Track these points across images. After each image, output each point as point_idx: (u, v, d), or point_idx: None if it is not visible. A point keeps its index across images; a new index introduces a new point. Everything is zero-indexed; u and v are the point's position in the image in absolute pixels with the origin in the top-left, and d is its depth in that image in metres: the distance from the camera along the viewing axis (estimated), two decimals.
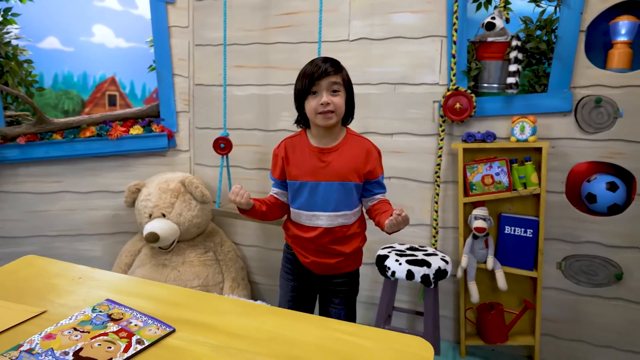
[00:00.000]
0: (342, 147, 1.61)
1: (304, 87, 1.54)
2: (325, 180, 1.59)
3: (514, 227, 2.28)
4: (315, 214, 1.62)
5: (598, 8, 2.13)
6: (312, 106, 1.54)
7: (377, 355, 1.00)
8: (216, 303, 1.23)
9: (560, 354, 2.37)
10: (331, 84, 1.53)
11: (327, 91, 1.53)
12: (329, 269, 1.71)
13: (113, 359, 0.92)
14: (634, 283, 2.22)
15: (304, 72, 1.56)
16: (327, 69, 1.51)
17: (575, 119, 2.21)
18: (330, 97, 1.52)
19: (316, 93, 1.53)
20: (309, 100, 1.55)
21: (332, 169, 1.59)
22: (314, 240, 1.65)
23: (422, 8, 2.39)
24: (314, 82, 1.52)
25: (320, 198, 1.60)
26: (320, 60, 1.56)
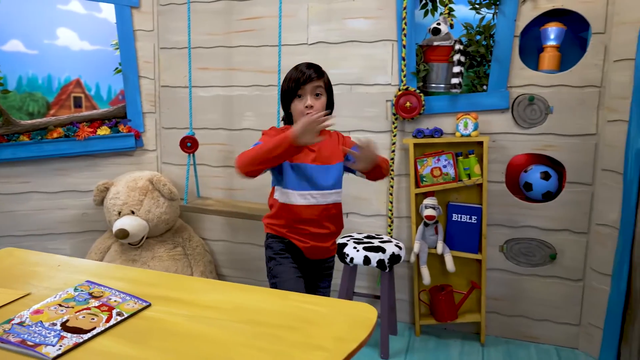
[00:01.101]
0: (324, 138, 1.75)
1: (290, 91, 1.72)
2: (318, 163, 1.74)
3: (461, 215, 2.50)
4: (312, 192, 1.74)
5: (529, 15, 2.37)
6: (298, 108, 1.71)
7: (330, 318, 1.16)
8: (187, 282, 1.37)
9: (504, 329, 2.61)
10: (314, 88, 1.71)
11: (311, 95, 1.71)
12: (323, 252, 1.82)
13: (96, 328, 1.05)
14: (566, 262, 2.47)
15: (290, 77, 1.73)
16: (311, 74, 1.69)
17: (512, 115, 2.45)
18: (314, 101, 1.70)
19: (301, 96, 1.71)
20: (295, 103, 1.72)
21: (322, 154, 1.76)
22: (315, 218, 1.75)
23: (374, 14, 2.58)
24: (299, 87, 1.69)
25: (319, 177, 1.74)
26: (304, 66, 1.73)
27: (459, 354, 2.44)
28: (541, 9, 2.35)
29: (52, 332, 1.02)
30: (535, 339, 2.57)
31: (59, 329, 1.03)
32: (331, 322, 1.14)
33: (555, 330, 2.54)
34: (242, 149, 2.80)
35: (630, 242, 2.23)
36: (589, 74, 2.33)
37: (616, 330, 2.31)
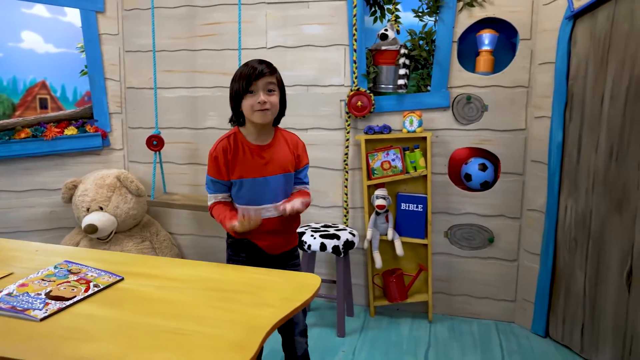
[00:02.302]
0: (276, 142, 1.74)
1: (242, 87, 1.62)
2: (271, 174, 1.70)
3: (408, 204, 2.74)
4: (265, 207, 1.71)
5: (465, 23, 2.64)
6: (249, 104, 1.62)
7: (280, 285, 1.37)
8: (155, 261, 1.54)
9: (449, 307, 2.87)
10: (267, 84, 1.63)
11: (263, 91, 1.62)
12: (282, 245, 1.81)
13: (76, 296, 1.22)
14: (502, 244, 2.75)
15: (241, 74, 1.64)
16: (263, 70, 1.62)
17: (452, 113, 2.71)
18: (267, 96, 1.63)
19: (253, 92, 1.62)
20: (247, 99, 1.63)
21: (275, 163, 1.71)
22: (271, 228, 1.74)
23: (327, 21, 2.79)
24: (251, 82, 1.61)
25: (268, 191, 1.71)
26: (255, 62, 1.65)
27: (409, 331, 2.68)
28: (476, 17, 2.62)
29: (38, 300, 1.18)
30: (477, 315, 2.84)
31: (43, 298, 1.20)
32: (280, 287, 1.35)
33: (494, 307, 2.81)
34: (206, 146, 3.03)
35: (554, 224, 2.53)
36: (518, 76, 2.61)
37: (545, 303, 2.60)
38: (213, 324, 1.11)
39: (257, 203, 1.72)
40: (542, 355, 2.44)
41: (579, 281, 2.40)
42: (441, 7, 2.63)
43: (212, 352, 0.99)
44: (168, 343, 1.02)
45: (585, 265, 2.36)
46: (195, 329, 1.08)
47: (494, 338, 2.61)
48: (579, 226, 2.39)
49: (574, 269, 2.43)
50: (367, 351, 2.46)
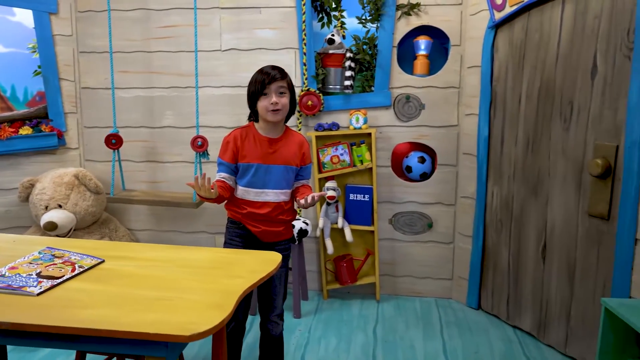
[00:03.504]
0: (285, 138, 1.97)
1: (257, 90, 1.87)
2: (275, 163, 1.92)
3: (356, 194, 3.00)
4: (265, 191, 1.93)
5: (404, 30, 2.92)
6: (264, 105, 1.86)
7: (247, 261, 1.57)
8: (131, 246, 1.70)
9: (395, 287, 3.16)
10: (279, 87, 1.87)
11: (275, 93, 1.86)
12: (275, 235, 2.00)
13: (65, 275, 1.36)
14: (440, 229, 3.07)
15: (256, 79, 1.89)
16: (275, 75, 1.86)
17: (393, 111, 3.00)
18: (278, 98, 1.86)
19: (267, 94, 1.86)
20: (261, 101, 1.87)
21: (280, 155, 1.93)
22: (265, 213, 1.93)
23: (278, 25, 3.00)
24: (265, 86, 1.85)
25: (271, 178, 1.92)
26: (269, 68, 1.90)
27: (359, 310, 2.94)
28: (412, 25, 2.91)
29: (31, 279, 1.32)
30: (419, 294, 3.14)
31: (35, 277, 1.34)
32: (247, 263, 1.55)
33: (434, 285, 3.13)
34: (163, 145, 3.16)
35: (483, 209, 2.86)
36: (450, 78, 2.93)
37: (477, 279, 2.94)
38: (192, 292, 1.30)
39: (259, 187, 1.93)
40: (475, 324, 2.77)
41: (504, 257, 2.75)
42: (382, 16, 2.90)
43: (195, 312, 1.18)
44: (155, 307, 1.20)
45: (509, 243, 2.70)
46: (177, 296, 1.27)
47: (434, 313, 2.92)
48: (503, 209, 2.73)
49: (500, 247, 2.77)
50: (321, 329, 2.69)
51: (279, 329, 2.06)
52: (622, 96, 2.04)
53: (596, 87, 2.16)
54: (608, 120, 2.11)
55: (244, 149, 1.93)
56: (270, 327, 2.04)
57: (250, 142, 1.93)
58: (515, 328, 2.70)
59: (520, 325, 2.67)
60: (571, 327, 2.36)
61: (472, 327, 2.74)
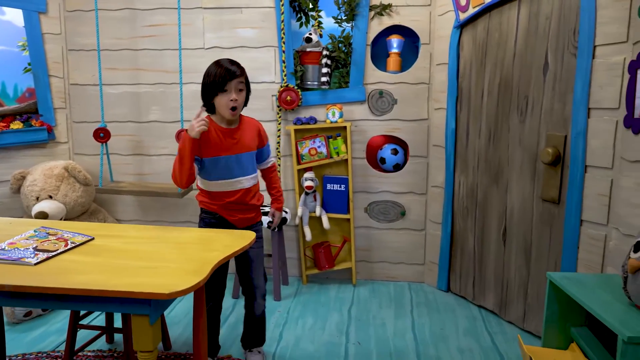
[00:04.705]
0: (242, 126, 2.05)
1: (217, 86, 1.89)
2: (242, 152, 2.01)
3: (333, 184, 3.18)
4: (238, 179, 2.02)
5: (376, 29, 3.11)
6: (223, 102, 1.90)
7: (224, 239, 1.74)
8: (117, 227, 1.86)
9: (370, 272, 3.35)
10: (238, 84, 1.92)
11: (235, 90, 1.90)
12: (249, 220, 2.12)
13: (59, 249, 1.52)
14: (412, 217, 3.26)
15: (215, 73, 1.89)
16: (235, 71, 1.90)
17: (368, 105, 3.18)
18: (238, 95, 1.91)
19: (226, 91, 1.89)
20: (221, 96, 1.90)
21: (242, 143, 2.02)
22: (240, 200, 2.03)
23: (258, 25, 3.17)
24: (226, 82, 1.88)
25: (239, 166, 2.01)
26: (228, 63, 1.92)
27: (336, 293, 3.12)
28: (385, 25, 3.10)
29: (28, 252, 1.48)
30: (393, 278, 3.33)
31: (32, 250, 1.50)
32: (223, 240, 1.73)
33: (407, 270, 3.32)
34: (150, 138, 3.30)
35: (451, 197, 3.06)
36: (420, 74, 3.12)
37: (446, 263, 3.13)
38: (173, 262, 1.47)
39: (230, 177, 2.01)
40: (443, 305, 2.96)
41: (470, 242, 2.95)
42: (356, 16, 3.08)
43: (175, 276, 1.35)
44: (140, 273, 1.37)
45: (475, 229, 2.90)
46: (159, 265, 1.43)
47: (406, 295, 3.11)
48: (469, 197, 2.93)
49: (467, 233, 2.97)
50: (300, 310, 2.87)
51: (261, 309, 2.21)
52: (569, 91, 2.24)
53: (548, 82, 2.36)
54: (558, 112, 2.31)
55: (208, 143, 1.95)
56: (255, 305, 2.18)
57: (212, 136, 1.96)
58: (480, 307, 2.90)
59: (484, 305, 2.87)
60: (528, 303, 2.56)
61: (441, 307, 2.93)
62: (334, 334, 2.57)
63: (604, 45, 2.06)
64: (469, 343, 2.49)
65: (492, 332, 2.61)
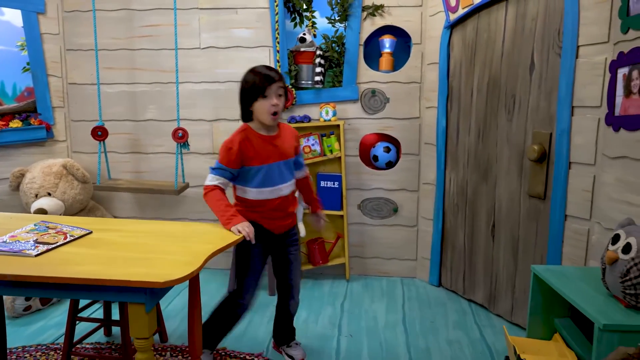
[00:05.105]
0: (281, 132, 2.03)
1: (257, 91, 1.86)
2: (282, 159, 1.99)
3: (327, 181, 3.24)
4: (280, 187, 1.99)
5: (369, 29, 3.17)
6: (263, 107, 1.87)
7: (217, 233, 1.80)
8: (114, 221, 1.92)
9: (364, 268, 3.41)
10: (278, 88, 1.88)
11: (275, 95, 1.88)
12: (286, 226, 2.13)
13: (59, 242, 1.58)
14: (404, 213, 3.32)
15: (254, 81, 1.87)
16: (275, 76, 1.88)
17: (361, 104, 3.24)
18: (279, 100, 1.89)
19: (267, 96, 1.86)
20: (260, 102, 1.87)
21: (283, 150, 1.99)
22: (279, 207, 2.02)
23: (253, 25, 3.23)
24: (266, 88, 1.85)
25: (280, 174, 1.98)
26: (265, 69, 1.90)
27: (329, 288, 3.19)
28: (377, 25, 3.16)
29: (29, 244, 1.54)
30: (386, 273, 3.40)
31: (32, 243, 1.56)
32: (216, 234, 1.79)
33: (400, 266, 3.38)
34: (146, 137, 3.36)
35: (442, 194, 3.13)
36: (412, 73, 3.18)
37: (437, 259, 3.20)
38: (168, 253, 1.53)
39: (270, 185, 1.98)
40: (434, 299, 3.03)
41: (460, 238, 3.01)
42: (349, 16, 3.15)
43: (169, 267, 1.41)
44: (136, 264, 1.43)
45: (465, 224, 2.97)
46: (155, 257, 1.50)
47: (398, 290, 3.18)
48: (459, 194, 3.00)
49: (457, 228, 3.04)
50: None
51: (297, 306, 2.29)
52: (554, 89, 2.31)
53: (534, 81, 2.42)
54: (543, 110, 2.38)
55: (250, 152, 1.92)
56: (291, 303, 2.24)
57: (254, 145, 1.93)
58: (470, 301, 2.97)
59: (474, 299, 2.94)
60: (516, 297, 2.63)
61: (432, 301, 3.00)
62: (326, 327, 2.64)
63: (587, 45, 2.13)
64: (458, 335, 2.56)
65: (480, 325, 2.67)
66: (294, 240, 2.20)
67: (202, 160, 3.37)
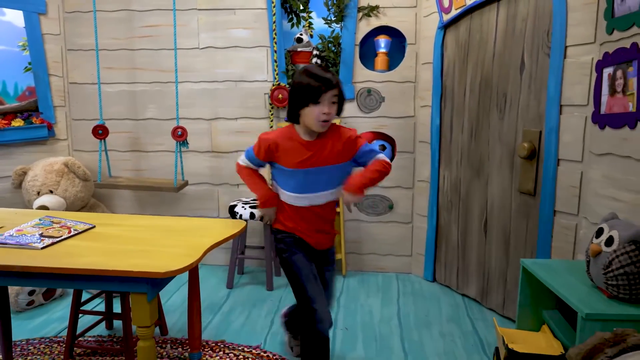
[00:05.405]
0: (325, 138, 1.82)
1: (309, 97, 1.70)
2: (325, 164, 1.80)
3: None
4: (314, 194, 1.84)
5: (365, 30, 3.24)
6: (314, 114, 1.71)
7: (216, 228, 1.86)
8: (116, 216, 1.98)
9: (359, 264, 3.48)
10: (332, 97, 1.73)
11: (328, 103, 1.72)
12: (325, 243, 1.99)
13: (63, 235, 1.65)
14: (400, 210, 3.39)
15: (309, 85, 1.70)
16: (332, 81, 1.72)
17: (356, 103, 3.31)
18: (330, 108, 1.73)
19: (319, 103, 1.71)
20: (311, 108, 1.71)
21: (323, 155, 1.80)
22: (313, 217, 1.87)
23: (251, 25, 3.29)
24: (320, 94, 1.69)
25: (319, 180, 1.82)
26: (321, 71, 1.74)
27: None
28: (373, 25, 3.23)
29: (35, 237, 1.61)
30: (382, 269, 3.46)
31: (38, 236, 1.62)
32: (215, 228, 1.86)
33: (396, 261, 3.45)
34: (146, 135, 3.42)
35: (436, 191, 3.19)
36: (407, 73, 3.24)
37: (432, 255, 3.26)
38: (168, 246, 1.60)
39: (309, 191, 1.84)
40: (429, 294, 3.10)
41: (454, 234, 3.08)
42: (345, 17, 3.21)
43: (169, 258, 1.47)
44: (138, 256, 1.49)
45: (458, 221, 3.03)
46: (156, 249, 1.56)
47: (393, 285, 3.25)
48: (452, 191, 3.06)
49: (451, 225, 3.10)
50: (291, 299, 2.98)
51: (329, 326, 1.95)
52: (543, 89, 2.37)
53: (524, 81, 2.49)
54: (533, 109, 2.44)
55: (285, 153, 1.82)
56: None
57: (292, 147, 1.81)
58: (464, 296, 3.04)
59: (467, 293, 3.01)
60: (507, 291, 2.69)
61: (426, 296, 3.07)
62: None
63: (574, 46, 2.20)
64: (451, 328, 2.63)
65: (473, 318, 2.74)
66: (331, 260, 2.06)
67: (201, 159, 3.44)
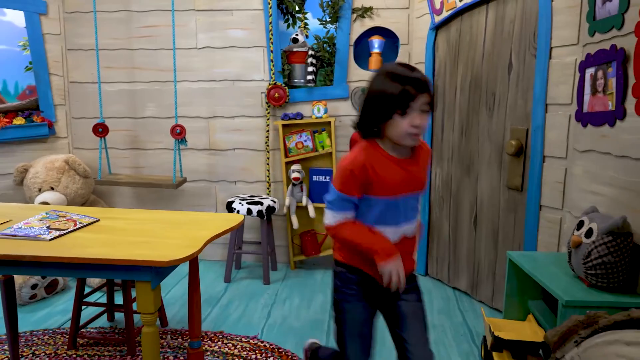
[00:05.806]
0: (416, 154, 1.48)
1: (396, 104, 1.33)
2: (412, 190, 1.46)
3: (319, 176, 3.39)
4: (402, 227, 1.47)
5: (359, 31, 3.32)
6: (402, 127, 1.34)
7: (215, 221, 1.94)
8: (119, 210, 2.06)
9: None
10: (423, 104, 1.34)
11: (419, 111, 1.35)
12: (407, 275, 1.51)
13: (70, 228, 1.72)
14: None
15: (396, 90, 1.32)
16: (425, 83, 1.34)
17: (351, 102, 3.39)
18: (422, 119, 1.35)
19: (407, 113, 1.34)
20: (397, 119, 1.34)
21: (416, 178, 1.46)
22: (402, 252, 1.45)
23: (248, 26, 3.37)
24: (410, 100, 1.32)
25: (406, 210, 1.46)
26: (408, 71, 1.35)
27: (321, 278, 3.34)
28: (367, 26, 3.31)
29: (43, 230, 1.68)
30: None
31: (46, 229, 1.70)
32: (215, 222, 1.93)
33: None
34: (145, 133, 3.50)
35: (428, 187, 3.28)
36: None
37: (424, 249, 3.36)
38: (170, 238, 1.68)
39: (390, 223, 1.45)
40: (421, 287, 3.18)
41: (445, 229, 3.17)
42: (340, 18, 3.29)
43: (172, 249, 1.56)
44: (142, 247, 1.57)
45: (449, 216, 3.13)
46: (158, 241, 1.64)
47: None
48: (444, 187, 3.15)
49: (442, 221, 3.19)
50: (287, 292, 3.08)
51: None
52: (530, 88, 2.46)
53: (512, 80, 2.58)
54: (520, 108, 2.54)
55: (378, 179, 1.40)
56: None
57: (384, 169, 1.41)
58: (455, 289, 3.13)
59: (458, 286, 3.10)
60: (496, 283, 2.79)
61: None
62: (318, 312, 2.79)
63: (559, 47, 2.29)
64: (442, 320, 2.72)
65: (463, 310, 2.83)
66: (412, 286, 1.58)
67: (198, 156, 3.52)
